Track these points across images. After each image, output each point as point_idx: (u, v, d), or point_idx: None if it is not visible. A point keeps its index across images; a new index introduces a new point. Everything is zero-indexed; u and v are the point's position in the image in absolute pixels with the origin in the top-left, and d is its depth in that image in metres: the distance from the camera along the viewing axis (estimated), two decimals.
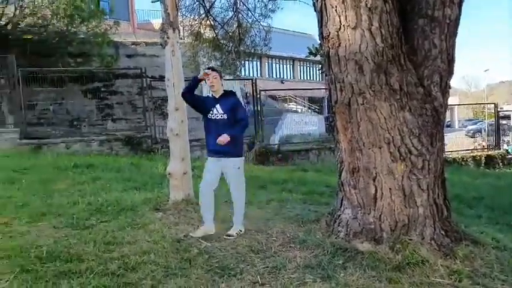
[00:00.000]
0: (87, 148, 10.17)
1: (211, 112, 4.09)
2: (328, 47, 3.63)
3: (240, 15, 8.58)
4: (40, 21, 13.47)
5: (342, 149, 3.86)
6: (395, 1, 3.49)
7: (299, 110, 27.86)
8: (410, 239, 3.47)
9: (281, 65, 37.31)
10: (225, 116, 4.04)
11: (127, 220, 4.34)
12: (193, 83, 4.14)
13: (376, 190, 3.60)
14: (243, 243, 3.95)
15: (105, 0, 20.62)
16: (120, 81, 15.70)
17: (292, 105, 28.65)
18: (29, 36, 13.20)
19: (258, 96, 11.64)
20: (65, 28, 13.74)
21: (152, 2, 5.85)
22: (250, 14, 8.95)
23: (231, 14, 8.84)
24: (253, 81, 11.82)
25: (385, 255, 3.40)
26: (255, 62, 33.59)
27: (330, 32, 3.58)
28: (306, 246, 3.77)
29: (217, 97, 4.12)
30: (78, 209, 4.62)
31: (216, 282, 3.15)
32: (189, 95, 4.15)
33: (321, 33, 3.77)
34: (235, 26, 8.87)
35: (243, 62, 10.54)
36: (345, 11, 3.42)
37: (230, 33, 8.90)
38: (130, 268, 3.22)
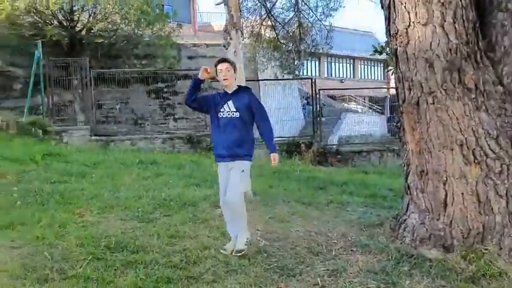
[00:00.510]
0: (150, 145, 10.63)
1: (222, 110, 3.55)
2: (396, 44, 3.48)
3: (301, 14, 8.51)
4: (110, 26, 14.35)
5: (409, 151, 3.68)
6: None
7: (359, 110, 27.15)
8: (486, 249, 3.22)
9: (341, 64, 36.62)
10: (237, 114, 3.51)
11: (188, 215, 4.45)
12: (194, 86, 3.66)
13: (446, 194, 3.39)
14: (302, 244, 3.90)
15: (169, 5, 21.57)
16: (181, 82, 16.24)
17: (352, 105, 28.01)
18: (100, 40, 14.10)
19: (317, 96, 11.50)
20: (132, 31, 14.51)
21: (216, 4, 5.99)
22: (311, 13, 8.86)
23: (292, 14, 8.80)
24: (313, 81, 11.70)
25: (456, 264, 3.19)
26: (313, 61, 33.32)
27: (398, 29, 3.43)
28: (368, 250, 3.64)
29: (230, 93, 3.58)
30: (143, 203, 4.82)
31: (275, 281, 3.14)
32: (191, 100, 3.65)
33: (388, 31, 3.63)
34: (296, 25, 8.82)
35: (302, 62, 10.46)
36: (415, 7, 3.27)
37: (290, 33, 8.86)
38: (192, 262, 3.30)
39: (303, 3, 8.42)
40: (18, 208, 4.30)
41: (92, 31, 14.18)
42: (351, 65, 37.07)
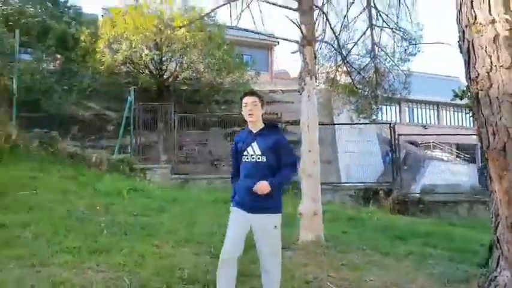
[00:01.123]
0: (225, 185, 10.92)
1: (246, 153, 3.08)
2: (477, 88, 3.34)
3: (377, 60, 8.48)
4: (194, 74, 15.59)
5: (497, 200, 3.39)
6: None
7: (445, 158, 25.51)
8: None
9: (423, 110, 35.16)
10: (263, 158, 3.02)
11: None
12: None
13: None
14: None
15: (248, 54, 22.91)
16: None
17: (436, 153, 26.44)
18: (185, 87, 15.33)
19: (397, 141, 11.13)
20: (214, 79, 15.56)
21: (292, 53, 6.20)
22: (388, 58, 8.78)
23: (368, 60, 8.79)
24: (391, 126, 11.41)
25: None
26: (393, 107, 32.44)
27: (479, 73, 3.31)
28: None
29: (254, 132, 3.12)
30: (216, 240, 4.92)
31: None
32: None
33: (468, 75, 3.50)
34: (372, 71, 8.78)
35: (379, 107, 10.27)
36: (497, 51, 3.15)
37: (367, 79, 8.83)
38: None
39: (379, 49, 8.39)
40: (104, 236, 4.64)
41: (178, 79, 15.48)
42: (435, 111, 35.39)
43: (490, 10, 3.21)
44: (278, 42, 26.92)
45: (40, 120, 12.01)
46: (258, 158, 3.03)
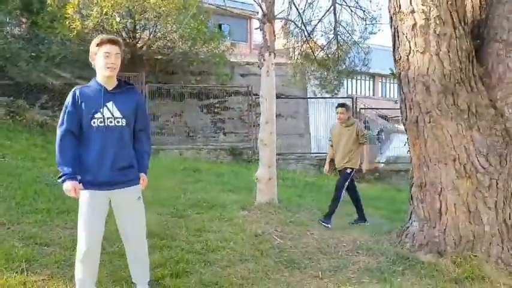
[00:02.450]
0: (196, 155, 11.44)
1: (99, 115, 2.53)
2: (399, 69, 3.91)
3: (339, 38, 8.98)
4: (169, 43, 15.57)
5: (413, 164, 4.05)
6: (466, 27, 3.64)
7: None
8: (475, 255, 3.51)
9: (395, 85, 36.11)
10: (124, 122, 2.57)
11: (216, 214, 5.06)
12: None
13: (441, 205, 3.72)
14: (314, 245, 4.36)
15: (227, 24, 22.82)
16: (232, 98, 17.15)
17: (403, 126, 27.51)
18: (159, 57, 15.34)
19: (357, 114, 11.81)
20: (188, 49, 15.66)
21: (255, 29, 6.62)
22: (350, 36, 9.29)
23: (331, 36, 9.29)
24: (353, 100, 12.07)
25: (445, 267, 3.50)
26: (367, 82, 33.18)
27: (401, 56, 3.87)
28: (371, 253, 4.03)
29: (110, 89, 2.60)
30: (179, 203, 5.49)
31: (281, 271, 3.63)
32: (74, 143, 2.66)
33: (394, 57, 4.05)
34: (335, 48, 9.29)
35: (341, 82, 10.88)
36: (414, 37, 3.69)
37: (329, 55, 9.34)
38: (211, 250, 3.88)
39: (341, 27, 8.87)
40: (72, 199, 5.02)
41: (152, 48, 15.49)
42: None
43: (411, 1, 3.73)
44: (258, 13, 26.72)
45: (6, 88, 11.60)
46: (118, 122, 2.55)
